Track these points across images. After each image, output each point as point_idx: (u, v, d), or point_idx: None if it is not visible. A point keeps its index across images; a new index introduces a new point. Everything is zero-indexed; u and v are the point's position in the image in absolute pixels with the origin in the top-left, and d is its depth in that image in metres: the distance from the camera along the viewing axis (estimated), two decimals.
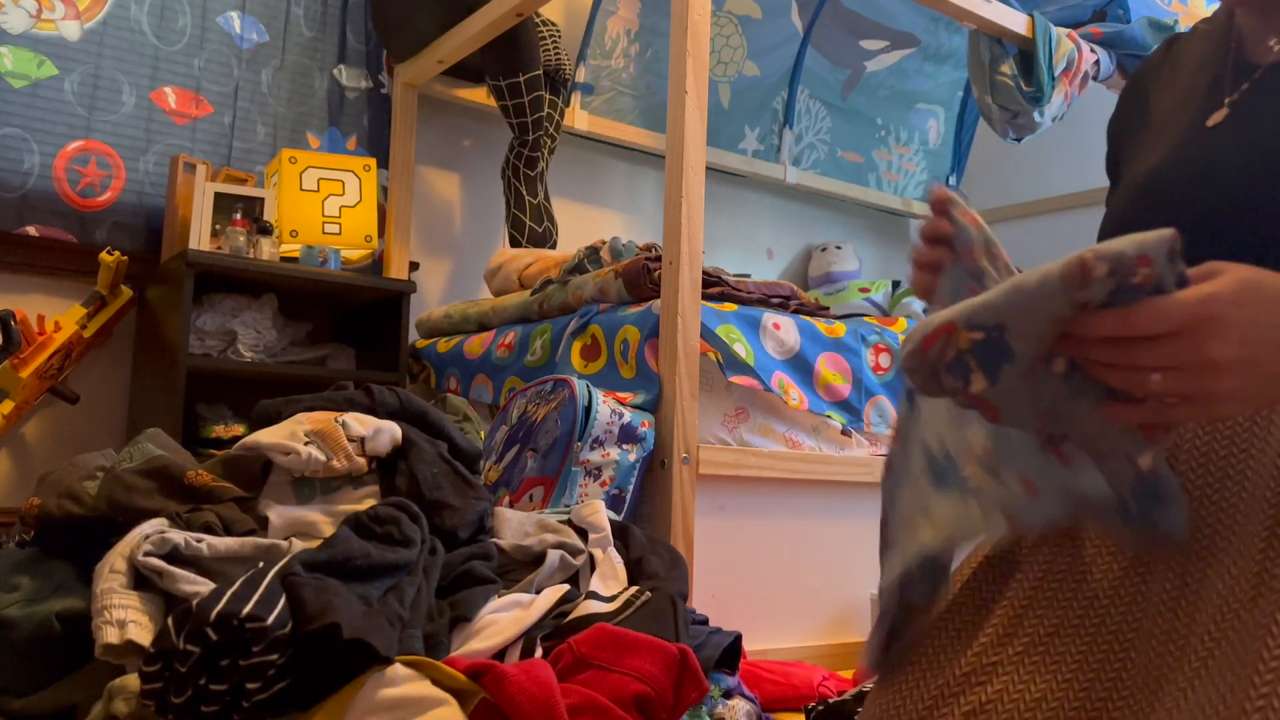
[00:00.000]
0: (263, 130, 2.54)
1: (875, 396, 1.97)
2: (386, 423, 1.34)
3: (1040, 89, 2.51)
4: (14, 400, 2.09)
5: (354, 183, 2.37)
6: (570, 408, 1.65)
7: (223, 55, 2.50)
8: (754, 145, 3.36)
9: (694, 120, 1.74)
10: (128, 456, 1.30)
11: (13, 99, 2.22)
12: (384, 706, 0.91)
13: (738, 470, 1.75)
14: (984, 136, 3.74)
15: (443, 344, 2.39)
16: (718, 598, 1.74)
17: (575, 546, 1.32)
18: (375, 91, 2.71)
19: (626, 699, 0.98)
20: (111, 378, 2.39)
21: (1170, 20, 2.68)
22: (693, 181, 1.73)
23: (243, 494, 1.26)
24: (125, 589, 1.06)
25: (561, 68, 2.71)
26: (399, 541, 1.14)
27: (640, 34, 3.01)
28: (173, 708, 0.90)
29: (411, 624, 1.06)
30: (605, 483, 1.63)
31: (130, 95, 2.37)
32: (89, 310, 2.21)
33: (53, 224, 2.25)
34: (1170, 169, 0.83)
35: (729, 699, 1.20)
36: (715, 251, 3.40)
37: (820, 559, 1.89)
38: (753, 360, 1.77)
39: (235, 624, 0.90)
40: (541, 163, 2.63)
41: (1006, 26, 2.47)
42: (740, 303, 1.90)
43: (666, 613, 1.18)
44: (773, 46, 3.26)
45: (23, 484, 2.25)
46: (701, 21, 1.77)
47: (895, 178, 3.71)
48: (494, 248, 2.93)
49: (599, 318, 1.90)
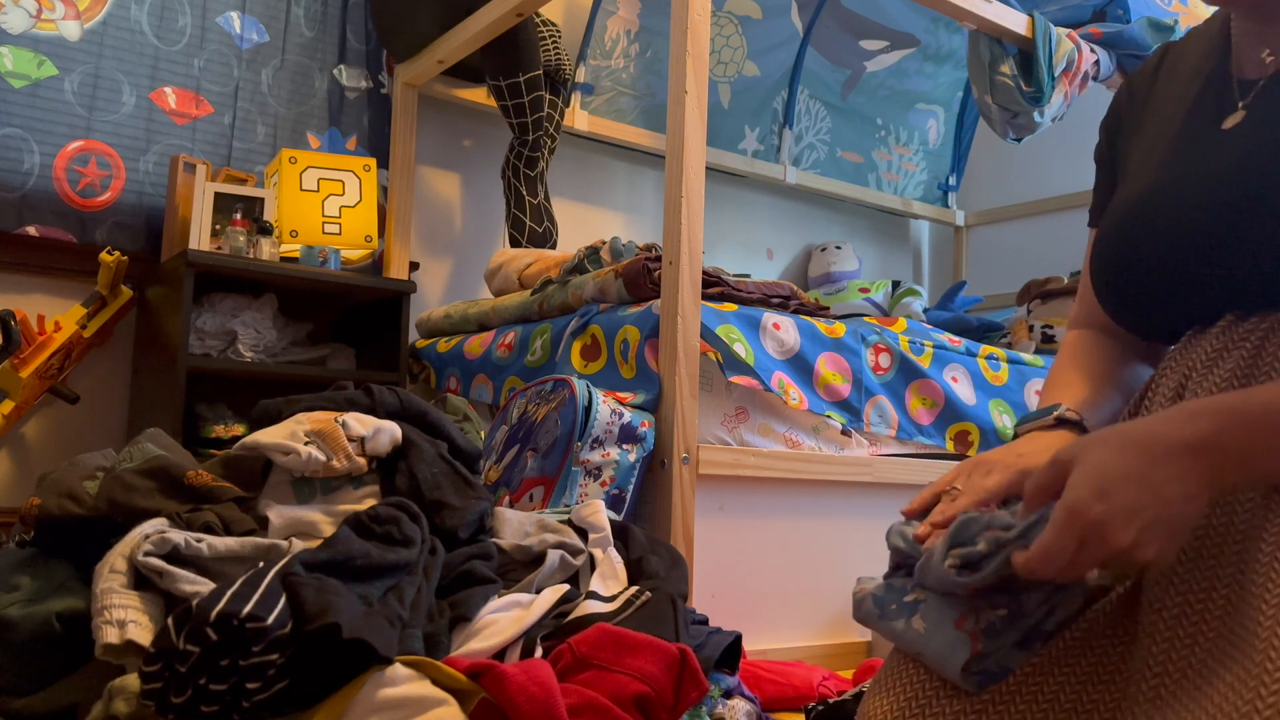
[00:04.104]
0: (263, 130, 2.54)
1: (875, 396, 1.97)
2: (386, 423, 1.33)
3: (1040, 89, 2.51)
4: (14, 400, 2.09)
5: (354, 183, 2.37)
6: (570, 408, 1.65)
7: (223, 55, 2.50)
8: (754, 145, 3.36)
9: (694, 120, 1.74)
10: (128, 456, 1.30)
11: (13, 99, 2.22)
12: (384, 706, 0.91)
13: (737, 470, 1.75)
14: (984, 136, 3.74)
15: (443, 344, 2.39)
16: (718, 598, 1.74)
17: (575, 546, 1.32)
18: (375, 91, 2.71)
19: (626, 699, 0.98)
20: (111, 378, 2.39)
21: (1170, 20, 2.68)
22: (693, 181, 1.73)
23: (243, 494, 1.26)
24: (125, 589, 1.06)
25: (561, 68, 2.71)
26: (399, 541, 1.14)
27: (640, 34, 3.01)
28: (173, 708, 0.90)
29: (411, 624, 1.06)
30: (605, 483, 1.63)
31: (130, 95, 2.37)
32: (89, 310, 2.21)
33: (53, 224, 2.25)
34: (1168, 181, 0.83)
35: (729, 699, 1.20)
36: (715, 251, 3.40)
37: (820, 559, 1.89)
38: (752, 360, 1.77)
39: (235, 624, 0.90)
40: (541, 163, 2.63)
41: (1006, 26, 2.47)
42: (740, 303, 1.90)
43: (666, 613, 1.18)
44: (773, 46, 3.26)
45: (23, 484, 2.25)
46: (701, 21, 1.77)
47: (895, 178, 3.71)
48: (494, 248, 2.93)
49: (599, 318, 1.90)
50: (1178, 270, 0.79)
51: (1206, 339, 0.78)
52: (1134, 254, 0.83)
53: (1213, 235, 0.76)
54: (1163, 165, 0.84)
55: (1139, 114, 0.94)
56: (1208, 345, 0.78)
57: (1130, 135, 0.94)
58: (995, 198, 3.83)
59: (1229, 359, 0.76)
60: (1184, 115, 0.86)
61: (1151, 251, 0.81)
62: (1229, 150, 0.79)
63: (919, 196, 3.80)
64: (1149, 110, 0.92)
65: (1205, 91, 0.85)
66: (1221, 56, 0.86)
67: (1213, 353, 0.77)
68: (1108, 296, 0.88)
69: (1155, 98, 0.92)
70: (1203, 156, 0.81)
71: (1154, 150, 0.87)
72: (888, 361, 2.00)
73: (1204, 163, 0.80)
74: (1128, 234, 0.84)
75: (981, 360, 2.16)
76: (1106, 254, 0.87)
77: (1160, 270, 0.81)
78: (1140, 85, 0.96)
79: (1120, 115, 0.97)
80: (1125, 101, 0.97)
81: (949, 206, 3.87)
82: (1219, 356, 0.77)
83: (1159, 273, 0.81)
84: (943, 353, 2.10)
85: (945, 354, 2.10)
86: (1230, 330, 0.77)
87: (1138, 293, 0.84)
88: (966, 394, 2.09)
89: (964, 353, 2.14)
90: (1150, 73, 0.95)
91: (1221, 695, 0.62)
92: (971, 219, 3.87)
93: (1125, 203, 0.86)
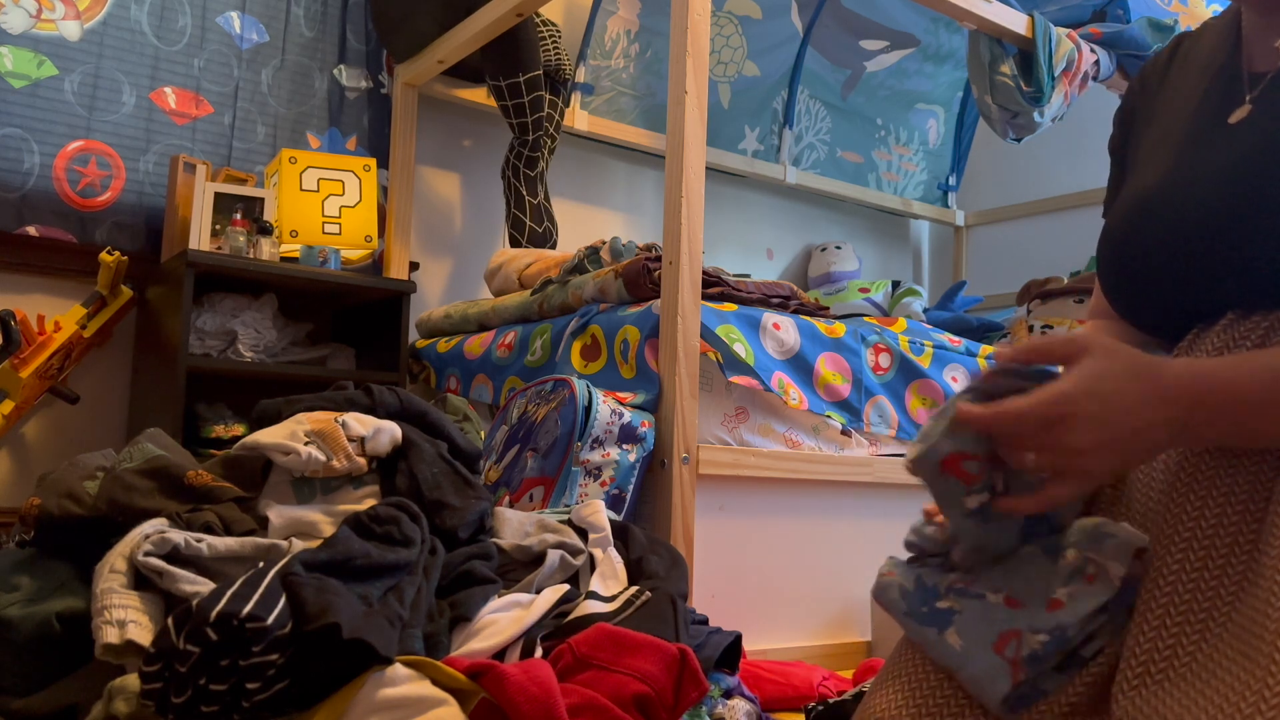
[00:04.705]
0: (263, 130, 2.54)
1: (875, 396, 1.97)
2: (386, 423, 1.33)
3: (1040, 89, 2.51)
4: (14, 400, 2.09)
5: (354, 183, 2.37)
6: (570, 408, 1.65)
7: (223, 55, 2.50)
8: (754, 145, 3.36)
9: (694, 120, 1.74)
10: (128, 456, 1.30)
11: (13, 99, 2.22)
12: (384, 706, 0.91)
13: (737, 470, 1.75)
14: (984, 136, 3.74)
15: (443, 344, 2.39)
16: (718, 598, 1.74)
17: (575, 546, 1.32)
18: (375, 91, 2.71)
19: (626, 699, 0.98)
20: (111, 378, 2.39)
21: (1170, 20, 2.68)
22: (693, 181, 1.73)
23: (243, 494, 1.26)
24: (125, 589, 1.06)
25: (561, 68, 2.71)
26: (399, 541, 1.14)
27: (640, 34, 3.01)
28: (173, 708, 0.90)
29: (411, 624, 1.06)
30: (605, 482, 1.63)
31: (130, 95, 2.37)
32: (89, 310, 2.21)
33: (53, 224, 2.25)
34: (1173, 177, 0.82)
35: (729, 699, 1.20)
36: (715, 251, 3.40)
37: (820, 559, 1.89)
38: (752, 360, 1.77)
39: (235, 624, 0.90)
40: (541, 163, 2.63)
41: (1006, 26, 2.47)
42: (740, 303, 1.90)
43: (666, 612, 1.18)
44: (773, 46, 3.26)
45: (23, 484, 2.25)
46: (701, 21, 1.77)
47: (895, 178, 3.71)
48: (494, 248, 2.93)
49: (599, 318, 1.90)
50: (1180, 267, 0.79)
51: (1210, 336, 0.78)
52: (1138, 250, 0.83)
53: (1216, 231, 0.76)
54: (1168, 160, 0.84)
55: (1151, 105, 0.93)
56: (1211, 343, 0.78)
57: (1142, 127, 0.93)
58: (995, 198, 3.83)
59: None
60: (1192, 109, 0.85)
61: (1155, 247, 0.81)
62: (1234, 145, 0.78)
63: (919, 196, 3.80)
64: (1160, 102, 0.92)
65: (1214, 85, 0.85)
66: (1232, 50, 0.85)
67: (1214, 351, 0.77)
68: (1112, 292, 0.88)
69: (1167, 89, 0.92)
70: (1208, 151, 0.80)
71: (1161, 144, 0.87)
72: (888, 361, 2.00)
73: (1209, 158, 0.80)
74: (1132, 229, 0.84)
75: (981, 360, 2.16)
76: (1111, 249, 0.87)
77: (1163, 267, 0.81)
78: (1153, 76, 0.95)
79: (1133, 106, 0.97)
80: (1138, 92, 0.97)
81: (949, 206, 3.87)
82: (1221, 354, 0.76)
83: (1162, 269, 0.81)
84: (943, 353, 2.10)
85: (945, 354, 2.10)
86: (1233, 328, 0.77)
87: (1141, 289, 0.84)
88: None
89: (964, 353, 2.14)
90: (1164, 63, 0.95)
91: (1223, 690, 0.62)
92: (971, 219, 3.87)
93: (1131, 198, 0.86)
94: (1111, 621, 0.73)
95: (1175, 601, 0.69)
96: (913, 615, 0.78)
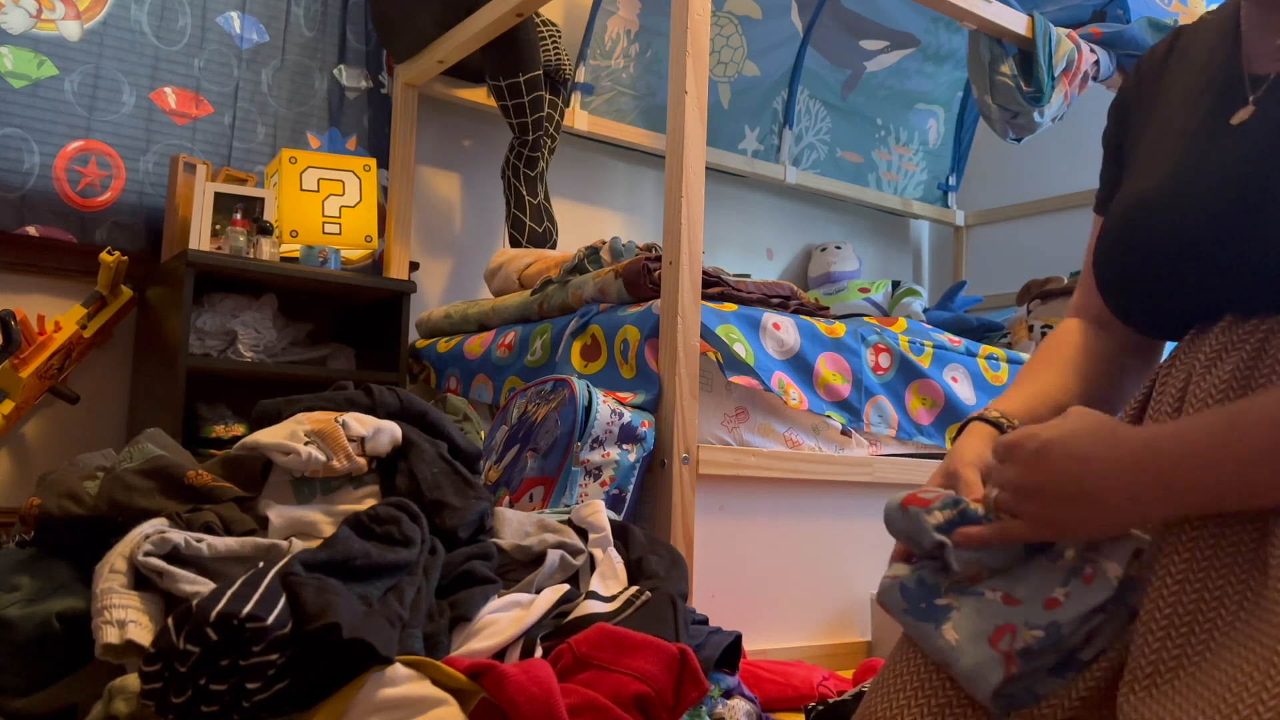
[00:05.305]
0: (263, 130, 2.55)
1: (875, 396, 1.97)
2: (386, 423, 1.33)
3: (1040, 89, 2.51)
4: (14, 400, 2.09)
5: (354, 183, 2.37)
6: (570, 408, 1.65)
7: (223, 55, 2.50)
8: (754, 145, 3.36)
9: (694, 120, 1.74)
10: (128, 456, 1.30)
11: (13, 99, 2.22)
12: (384, 706, 0.92)
13: (737, 470, 1.75)
14: (984, 136, 3.74)
15: (443, 344, 2.39)
16: (718, 598, 1.74)
17: (575, 546, 1.32)
18: (375, 91, 2.71)
19: (626, 699, 0.98)
20: (111, 378, 2.39)
21: (1170, 20, 2.68)
22: (693, 181, 1.73)
23: (243, 494, 1.26)
24: (125, 589, 1.06)
25: (561, 68, 2.71)
26: (399, 541, 1.14)
27: (640, 34, 3.01)
28: (173, 708, 0.90)
29: (411, 624, 1.06)
30: (605, 482, 1.63)
31: (130, 95, 2.37)
32: (89, 310, 2.21)
33: (53, 224, 2.25)
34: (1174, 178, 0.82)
35: (729, 699, 1.20)
36: (715, 251, 3.40)
37: (820, 559, 1.89)
38: (752, 360, 1.77)
39: (235, 624, 0.90)
40: (541, 163, 2.63)
41: (1006, 26, 2.47)
42: (740, 303, 1.90)
43: (666, 612, 1.18)
44: (773, 46, 3.26)
45: (23, 484, 2.25)
46: (701, 21, 1.77)
47: (895, 178, 3.71)
48: (494, 248, 2.93)
49: (599, 318, 1.90)
50: (1181, 268, 0.79)
51: (1207, 339, 0.78)
52: (1137, 250, 0.82)
53: (1216, 234, 0.76)
54: (1168, 160, 0.84)
55: (1148, 100, 0.93)
56: (1208, 346, 0.77)
57: (1139, 123, 0.93)
58: (995, 198, 3.83)
59: (1229, 360, 0.75)
60: (1192, 109, 0.85)
61: (1155, 248, 0.81)
62: (1237, 147, 0.78)
63: (919, 196, 3.80)
64: (1158, 98, 0.91)
65: (1214, 85, 0.84)
66: (1231, 48, 0.85)
67: (1212, 353, 0.77)
68: (1108, 291, 0.88)
69: (1164, 85, 0.91)
70: (1210, 153, 0.80)
71: (1160, 143, 0.87)
72: (888, 361, 2.00)
73: (1211, 159, 0.79)
74: (1131, 230, 0.83)
75: (981, 360, 2.16)
76: (1110, 250, 0.86)
77: (1163, 267, 0.80)
78: (1149, 70, 0.94)
79: (1129, 100, 0.96)
80: (1134, 86, 0.96)
81: (949, 206, 3.87)
82: (1218, 357, 0.76)
83: (1161, 270, 0.80)
84: (943, 353, 2.10)
85: (945, 354, 2.10)
86: (1231, 331, 0.76)
87: (1140, 289, 0.84)
88: (966, 394, 2.09)
89: (964, 353, 2.14)
90: (1161, 57, 0.94)
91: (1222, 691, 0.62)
92: (971, 219, 3.87)
93: (1130, 198, 0.86)
94: (1110, 623, 0.72)
95: (1182, 602, 0.69)
96: (911, 612, 0.78)
